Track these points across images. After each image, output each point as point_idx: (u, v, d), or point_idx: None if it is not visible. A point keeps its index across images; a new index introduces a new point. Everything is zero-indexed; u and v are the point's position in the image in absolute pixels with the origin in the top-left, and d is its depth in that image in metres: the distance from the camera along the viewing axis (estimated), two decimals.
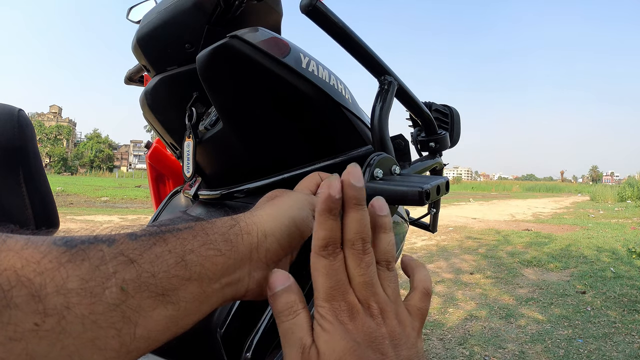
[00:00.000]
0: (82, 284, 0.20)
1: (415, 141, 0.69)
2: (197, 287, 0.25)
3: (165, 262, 0.24)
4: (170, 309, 0.23)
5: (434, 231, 0.82)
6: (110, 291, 0.21)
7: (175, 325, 0.24)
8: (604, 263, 3.47)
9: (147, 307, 0.22)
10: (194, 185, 0.70)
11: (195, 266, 0.25)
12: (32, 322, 0.18)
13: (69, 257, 0.21)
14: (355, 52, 0.50)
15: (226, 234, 0.28)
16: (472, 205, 11.55)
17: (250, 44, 0.47)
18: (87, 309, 0.20)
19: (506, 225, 6.38)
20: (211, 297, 0.26)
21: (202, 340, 0.50)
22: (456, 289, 2.76)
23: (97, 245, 0.22)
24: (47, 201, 0.65)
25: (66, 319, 0.19)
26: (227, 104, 0.53)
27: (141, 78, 1.03)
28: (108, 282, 0.21)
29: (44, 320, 0.18)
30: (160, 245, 0.24)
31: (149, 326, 0.22)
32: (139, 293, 0.22)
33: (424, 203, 0.40)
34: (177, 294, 0.24)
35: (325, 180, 0.30)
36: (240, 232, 0.29)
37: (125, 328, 0.21)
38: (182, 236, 0.26)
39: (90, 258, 0.21)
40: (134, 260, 0.23)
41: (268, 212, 0.32)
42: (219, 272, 0.26)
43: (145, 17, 0.61)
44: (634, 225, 6.02)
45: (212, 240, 0.27)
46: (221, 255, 0.27)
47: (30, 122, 0.63)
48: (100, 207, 8.32)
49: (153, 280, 0.23)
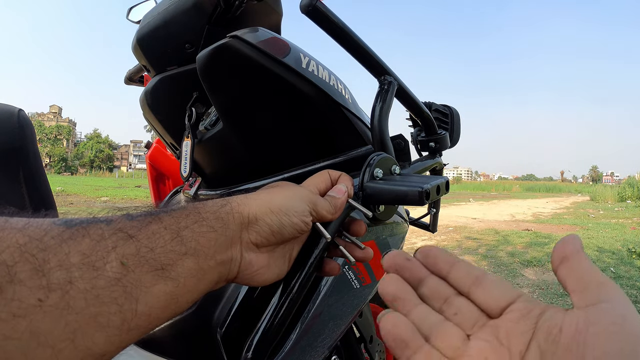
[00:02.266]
0: (83, 259, 0.21)
1: (415, 141, 0.69)
2: (193, 263, 0.25)
3: (162, 238, 0.24)
4: (170, 284, 0.24)
5: (434, 231, 0.82)
6: (110, 265, 0.21)
7: (175, 302, 0.24)
8: (604, 263, 3.47)
9: (147, 282, 0.23)
10: (194, 185, 0.70)
11: (190, 242, 0.26)
12: (35, 297, 0.18)
13: (70, 234, 0.21)
14: (355, 52, 0.50)
15: (217, 212, 0.29)
16: (472, 205, 11.55)
17: (250, 44, 0.47)
18: (89, 283, 0.20)
19: (506, 225, 6.38)
20: (207, 274, 0.27)
21: (202, 340, 0.50)
22: None
23: (96, 224, 0.23)
24: (47, 201, 0.65)
25: (69, 293, 0.19)
26: (227, 104, 0.53)
27: (141, 78, 1.03)
28: (109, 257, 0.22)
29: (48, 295, 0.19)
30: (156, 223, 0.25)
31: (149, 302, 0.23)
32: (138, 267, 0.22)
33: (424, 203, 0.40)
34: (175, 269, 0.24)
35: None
36: (232, 211, 0.29)
37: (127, 304, 0.21)
38: (175, 215, 0.26)
39: (91, 235, 0.22)
40: (133, 235, 0.23)
41: (262, 197, 0.32)
42: (213, 248, 0.27)
43: (145, 17, 0.61)
44: (634, 226, 6.02)
45: (205, 218, 0.28)
46: (214, 232, 0.27)
47: (30, 122, 0.63)
48: (100, 207, 8.31)
49: (152, 255, 0.23)
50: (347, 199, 0.38)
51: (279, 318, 0.40)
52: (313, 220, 0.34)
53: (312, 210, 0.34)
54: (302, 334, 0.48)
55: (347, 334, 0.74)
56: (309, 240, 0.37)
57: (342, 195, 0.37)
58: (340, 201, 0.37)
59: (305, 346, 0.48)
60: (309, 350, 0.49)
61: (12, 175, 0.60)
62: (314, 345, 0.50)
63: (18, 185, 0.60)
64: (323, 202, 0.35)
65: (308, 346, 0.49)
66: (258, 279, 0.31)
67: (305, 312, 0.48)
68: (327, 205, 0.36)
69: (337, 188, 0.38)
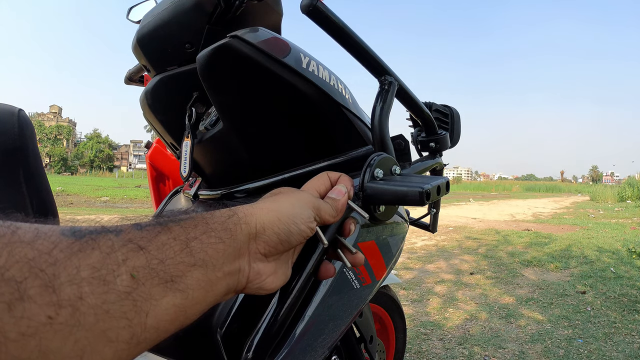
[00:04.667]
0: (93, 273, 0.20)
1: (415, 141, 0.69)
2: (202, 274, 0.25)
3: (172, 249, 0.24)
4: (179, 297, 0.24)
5: (434, 231, 0.82)
6: (121, 279, 0.21)
7: (184, 314, 0.24)
8: (604, 263, 3.47)
9: (156, 295, 0.22)
10: (194, 185, 0.70)
11: (199, 253, 0.25)
12: (46, 315, 0.18)
13: (79, 246, 0.20)
14: (355, 52, 0.50)
15: (225, 223, 0.28)
16: (472, 205, 11.54)
17: (250, 44, 0.47)
18: (99, 298, 0.20)
19: (506, 225, 6.38)
20: (215, 286, 0.26)
21: (202, 340, 0.50)
22: (456, 289, 2.76)
23: (105, 235, 0.22)
24: (48, 201, 0.65)
25: (80, 310, 0.19)
26: (227, 104, 0.53)
27: (141, 78, 1.03)
28: (119, 270, 0.21)
29: (58, 312, 0.18)
30: (165, 234, 0.25)
31: (158, 315, 0.22)
32: (149, 280, 0.22)
33: (424, 203, 0.40)
34: (184, 280, 0.24)
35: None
36: (239, 222, 0.29)
37: (137, 318, 0.21)
38: (184, 225, 0.26)
39: (101, 247, 0.21)
40: (143, 247, 0.23)
41: (268, 206, 0.32)
42: (221, 259, 0.27)
43: (145, 17, 0.61)
44: (634, 225, 6.01)
45: (213, 229, 0.27)
46: (222, 243, 0.27)
47: (30, 122, 0.63)
48: (100, 207, 8.32)
49: (162, 267, 0.23)
50: (347, 200, 0.38)
51: (279, 318, 0.40)
52: (317, 224, 0.34)
53: (316, 215, 0.34)
54: (302, 334, 0.48)
55: (347, 334, 0.74)
56: (310, 241, 0.37)
57: (342, 197, 0.37)
58: (341, 203, 0.37)
59: (306, 346, 0.48)
60: (309, 350, 0.49)
61: (12, 175, 0.60)
62: (314, 345, 0.50)
63: (18, 185, 0.60)
64: (325, 206, 0.35)
65: (308, 346, 0.49)
66: (267, 287, 0.31)
67: (305, 312, 0.48)
68: (329, 209, 0.35)
69: (337, 189, 0.38)
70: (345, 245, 0.39)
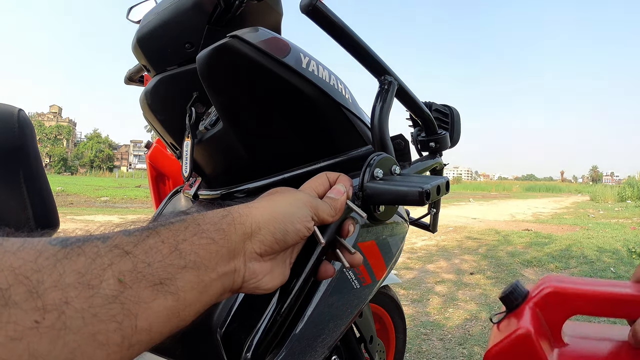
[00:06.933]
0: (79, 278, 0.20)
1: (415, 141, 0.69)
2: (194, 276, 0.25)
3: (160, 252, 0.24)
4: (170, 299, 0.24)
5: (434, 231, 0.82)
6: (107, 283, 0.21)
7: (177, 316, 0.24)
8: (604, 263, 3.46)
9: (146, 297, 0.22)
10: (194, 185, 0.70)
11: (190, 254, 0.25)
12: (32, 319, 0.18)
13: (64, 253, 0.21)
14: (355, 52, 0.50)
15: (218, 224, 0.28)
16: (472, 205, 11.54)
17: (250, 44, 0.47)
18: (85, 302, 0.20)
19: (506, 225, 6.38)
20: (209, 287, 0.26)
21: (202, 340, 0.50)
22: (456, 289, 2.76)
23: (92, 242, 0.22)
24: (47, 201, 0.65)
25: (66, 313, 0.19)
26: (227, 104, 0.53)
27: (141, 78, 1.03)
28: (105, 274, 0.21)
29: (44, 316, 0.18)
30: (153, 237, 0.25)
31: (149, 318, 0.22)
32: (136, 283, 0.22)
33: (424, 203, 0.40)
34: (174, 283, 0.24)
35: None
36: (233, 221, 0.29)
37: (126, 320, 0.21)
38: (174, 228, 0.26)
39: (86, 253, 0.21)
40: (129, 252, 0.23)
41: (264, 205, 0.32)
42: (214, 260, 0.27)
43: (145, 17, 0.61)
44: (634, 225, 6.01)
45: (205, 230, 0.27)
46: (214, 244, 0.27)
47: (30, 122, 0.63)
48: (100, 207, 8.32)
49: (149, 270, 0.23)
50: (346, 199, 0.38)
51: (279, 318, 0.40)
52: (314, 224, 0.34)
53: (314, 214, 0.34)
54: (302, 333, 0.48)
55: (347, 334, 0.74)
56: (308, 241, 0.37)
57: (341, 196, 0.37)
58: (340, 202, 0.37)
59: (306, 346, 0.48)
60: (309, 350, 0.49)
61: (12, 175, 0.60)
62: (314, 345, 0.50)
63: (18, 185, 0.60)
64: (323, 205, 0.35)
65: (308, 346, 0.49)
66: (263, 287, 0.31)
67: (305, 312, 0.48)
68: (327, 208, 0.35)
69: (336, 189, 0.38)
70: (344, 246, 0.39)
